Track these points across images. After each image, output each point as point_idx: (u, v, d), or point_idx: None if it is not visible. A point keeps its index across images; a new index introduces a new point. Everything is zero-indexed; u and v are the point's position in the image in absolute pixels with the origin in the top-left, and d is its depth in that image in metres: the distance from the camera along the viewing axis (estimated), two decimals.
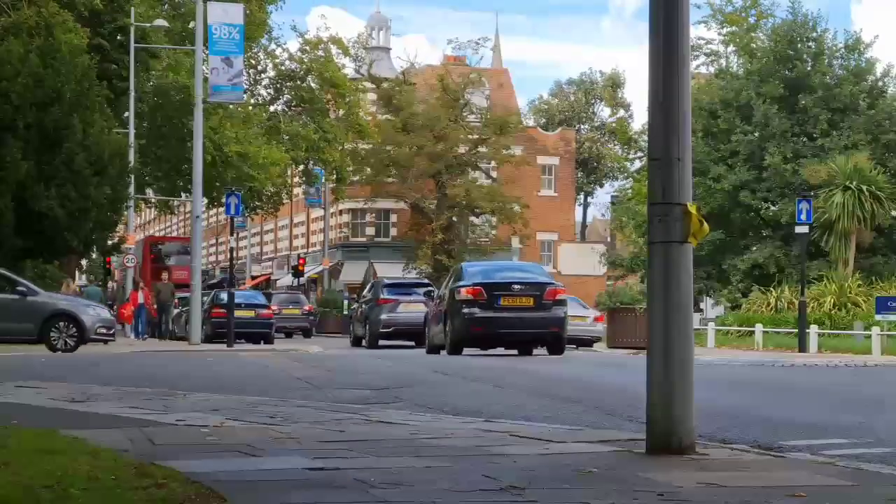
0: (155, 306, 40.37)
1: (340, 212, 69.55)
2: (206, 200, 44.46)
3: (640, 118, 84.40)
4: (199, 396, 11.85)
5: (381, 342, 32.47)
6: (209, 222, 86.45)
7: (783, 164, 48.79)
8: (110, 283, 40.97)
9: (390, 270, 62.11)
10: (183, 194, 52.69)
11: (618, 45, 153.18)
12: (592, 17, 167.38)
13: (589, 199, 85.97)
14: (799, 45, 51.66)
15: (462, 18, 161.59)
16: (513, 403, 11.59)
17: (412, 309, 31.86)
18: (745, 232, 53.24)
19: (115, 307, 40.36)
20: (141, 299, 39.44)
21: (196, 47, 36.07)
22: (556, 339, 23.07)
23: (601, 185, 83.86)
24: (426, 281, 39.93)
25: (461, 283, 23.34)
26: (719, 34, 61.47)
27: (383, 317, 31.59)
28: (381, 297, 33.39)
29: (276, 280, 79.85)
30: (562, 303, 23.36)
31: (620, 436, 8.23)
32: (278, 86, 55.33)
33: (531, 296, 22.79)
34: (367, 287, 38.36)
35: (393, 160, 61.17)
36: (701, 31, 63.35)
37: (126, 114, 42.32)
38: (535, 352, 23.70)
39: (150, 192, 54.60)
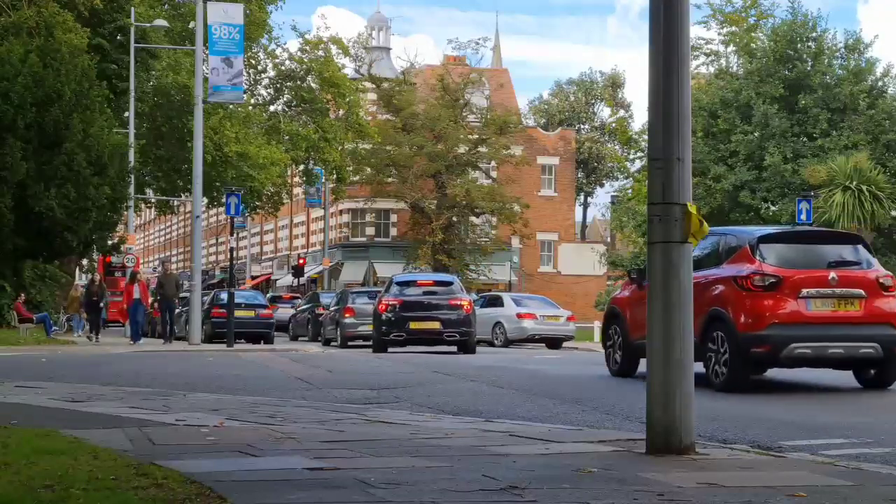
0: (155, 304, 36.35)
1: (340, 212, 69.50)
2: (206, 200, 44.43)
3: (640, 118, 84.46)
4: (199, 396, 11.85)
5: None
6: (209, 222, 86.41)
7: (783, 164, 48.76)
8: (96, 276, 38.19)
9: (390, 270, 61.96)
10: (183, 194, 52.66)
11: (623, 45, 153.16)
12: (598, 17, 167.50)
13: (589, 199, 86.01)
14: (799, 45, 51.63)
15: (468, 19, 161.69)
16: (513, 403, 11.59)
17: (283, 312, 47.09)
18: None
19: (102, 306, 37.42)
20: (137, 294, 33.34)
21: (196, 47, 36.03)
22: None
23: (601, 185, 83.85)
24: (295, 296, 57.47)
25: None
26: (719, 34, 61.39)
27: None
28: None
29: (276, 280, 79.85)
30: None
31: (620, 436, 8.24)
32: (278, 86, 55.25)
33: None
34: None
35: (393, 160, 61.04)
36: (701, 31, 63.25)
37: (126, 114, 42.28)
38: (534, 353, 24.28)
39: (150, 192, 54.57)
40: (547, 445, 7.60)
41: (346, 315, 33.74)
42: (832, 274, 13.50)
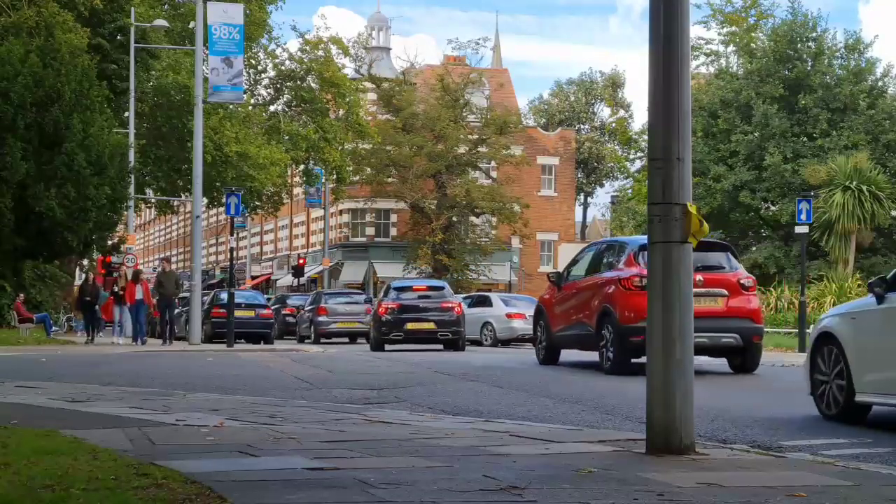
0: (155, 301, 36.98)
1: (340, 212, 69.49)
2: (206, 200, 44.41)
3: (640, 118, 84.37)
4: (199, 396, 11.86)
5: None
6: (209, 222, 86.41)
7: (783, 164, 48.80)
8: (89, 276, 37.32)
9: (390, 270, 62.10)
10: (183, 194, 52.64)
11: (626, 45, 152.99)
12: (599, 17, 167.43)
13: (589, 199, 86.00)
14: (799, 45, 51.66)
15: (468, 19, 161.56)
16: (513, 403, 11.60)
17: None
18: (745, 232, 53.27)
19: (96, 306, 36.61)
20: (139, 294, 31.76)
21: (196, 47, 36.02)
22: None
23: (601, 185, 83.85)
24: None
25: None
26: (719, 34, 61.53)
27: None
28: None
29: (276, 280, 79.85)
30: None
31: (620, 436, 8.24)
32: (278, 86, 55.23)
33: None
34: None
35: (393, 160, 61.03)
36: (701, 31, 63.38)
37: (126, 114, 42.27)
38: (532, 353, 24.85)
39: (150, 192, 54.55)
40: (547, 445, 7.60)
41: (320, 314, 37.37)
42: (699, 276, 15.63)
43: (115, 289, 32.59)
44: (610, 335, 16.26)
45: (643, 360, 17.24)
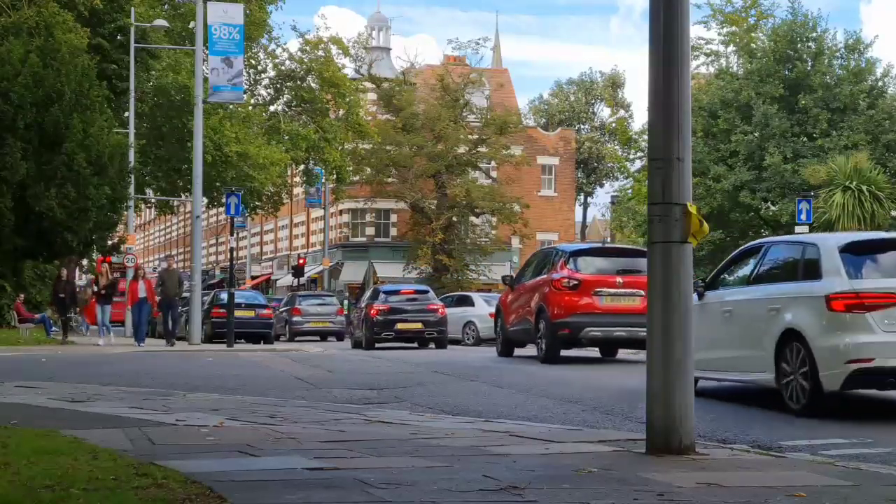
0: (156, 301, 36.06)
1: (340, 212, 69.46)
2: (206, 200, 44.40)
3: (640, 118, 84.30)
4: (199, 396, 11.86)
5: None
6: (209, 222, 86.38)
7: (783, 164, 48.75)
8: (63, 272, 36.27)
9: (390, 270, 62.11)
10: (183, 194, 52.62)
11: (627, 45, 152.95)
12: (600, 17, 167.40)
13: (589, 199, 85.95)
14: (799, 45, 51.60)
15: (469, 19, 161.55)
16: (513, 403, 11.60)
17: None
18: (745, 232, 53.14)
19: (77, 307, 36.03)
20: (142, 292, 30.70)
21: (196, 47, 36.01)
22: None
23: (601, 185, 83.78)
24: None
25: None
26: (719, 34, 61.39)
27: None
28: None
29: (276, 280, 79.83)
30: None
31: (620, 436, 8.24)
32: (278, 86, 55.18)
33: None
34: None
35: (393, 160, 60.97)
36: (701, 31, 63.29)
37: (126, 114, 42.23)
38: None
39: (150, 192, 54.52)
40: (547, 445, 7.60)
41: (294, 314, 40.71)
42: (619, 278, 18.39)
43: (96, 288, 32.10)
44: (543, 329, 18.58)
45: (572, 352, 19.31)
